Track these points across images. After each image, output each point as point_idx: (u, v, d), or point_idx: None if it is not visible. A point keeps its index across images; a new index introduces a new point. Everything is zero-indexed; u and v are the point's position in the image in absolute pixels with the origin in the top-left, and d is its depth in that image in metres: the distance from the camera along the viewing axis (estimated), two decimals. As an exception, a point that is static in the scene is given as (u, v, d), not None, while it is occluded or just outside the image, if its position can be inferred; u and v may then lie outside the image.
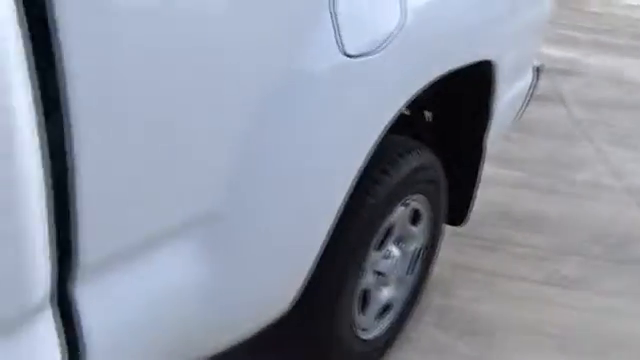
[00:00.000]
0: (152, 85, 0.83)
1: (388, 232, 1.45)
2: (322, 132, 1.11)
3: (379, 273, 1.48)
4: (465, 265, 2.02)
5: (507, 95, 1.71)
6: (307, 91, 1.05)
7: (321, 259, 1.19)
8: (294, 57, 1.02)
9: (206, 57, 0.89)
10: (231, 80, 0.94)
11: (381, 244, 1.44)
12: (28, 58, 0.69)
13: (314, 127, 1.09)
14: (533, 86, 1.94)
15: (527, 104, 1.96)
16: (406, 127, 1.52)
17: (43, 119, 0.72)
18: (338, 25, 1.05)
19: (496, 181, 2.37)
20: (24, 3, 0.68)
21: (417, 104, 1.48)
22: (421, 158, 1.46)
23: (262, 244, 1.08)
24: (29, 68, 0.69)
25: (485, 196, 1.92)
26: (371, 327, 1.53)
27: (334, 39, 1.05)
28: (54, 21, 0.70)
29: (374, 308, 1.51)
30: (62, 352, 0.83)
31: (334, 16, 1.05)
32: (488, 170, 1.78)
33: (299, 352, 1.40)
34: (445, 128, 1.70)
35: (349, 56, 1.08)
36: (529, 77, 1.90)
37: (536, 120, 2.85)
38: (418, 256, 1.62)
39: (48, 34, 0.70)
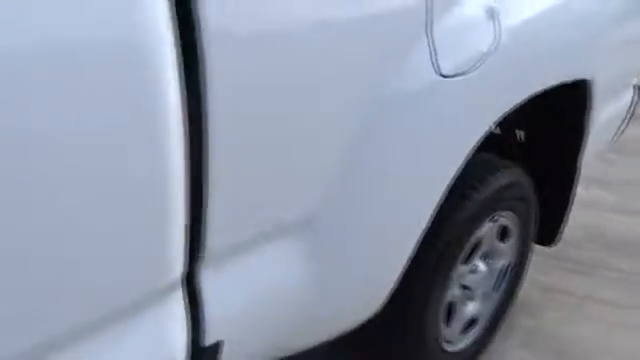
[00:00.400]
0: (280, 90, 0.93)
1: (475, 247, 1.47)
2: (415, 147, 1.17)
3: (465, 287, 1.51)
4: (554, 287, 1.98)
5: (603, 114, 1.67)
6: (403, 108, 1.11)
7: (410, 266, 1.24)
8: (392, 77, 1.08)
9: (320, 74, 0.98)
10: (338, 95, 1.02)
11: (468, 258, 1.47)
12: (178, 60, 0.78)
13: (408, 142, 1.15)
14: (633, 105, 1.88)
15: (627, 124, 1.90)
16: (498, 145, 1.54)
17: (188, 118, 0.81)
18: (434, 47, 1.11)
19: (590, 203, 2.30)
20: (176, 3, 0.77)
21: (509, 122, 1.50)
22: (511, 176, 1.47)
23: (359, 247, 1.15)
24: (179, 73, 0.79)
25: (578, 218, 1.88)
26: (456, 340, 1.55)
27: (430, 60, 1.11)
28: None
29: (459, 322, 1.53)
30: (187, 334, 0.93)
31: (430, 38, 1.10)
32: (582, 191, 1.75)
33: (385, 357, 1.45)
34: (538, 147, 1.70)
35: (444, 76, 1.13)
36: (628, 95, 1.85)
37: (636, 141, 2.73)
38: (505, 273, 1.62)
39: (194, 39, 0.79)
